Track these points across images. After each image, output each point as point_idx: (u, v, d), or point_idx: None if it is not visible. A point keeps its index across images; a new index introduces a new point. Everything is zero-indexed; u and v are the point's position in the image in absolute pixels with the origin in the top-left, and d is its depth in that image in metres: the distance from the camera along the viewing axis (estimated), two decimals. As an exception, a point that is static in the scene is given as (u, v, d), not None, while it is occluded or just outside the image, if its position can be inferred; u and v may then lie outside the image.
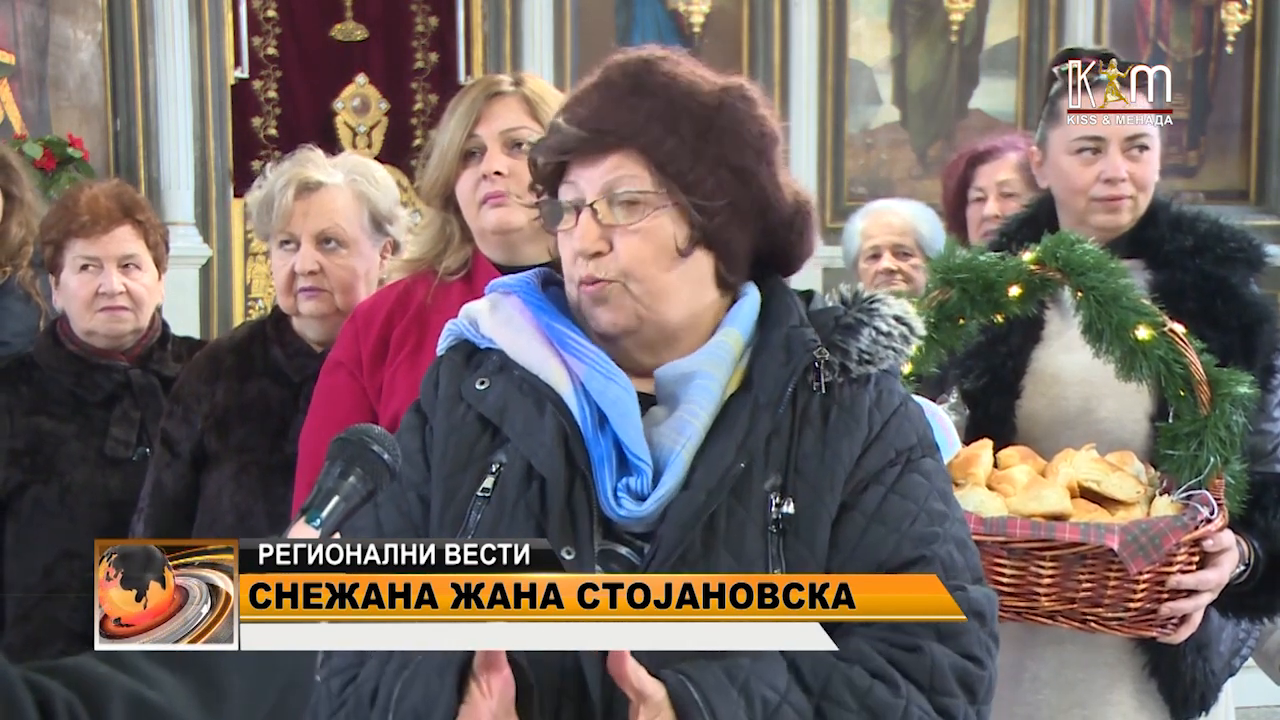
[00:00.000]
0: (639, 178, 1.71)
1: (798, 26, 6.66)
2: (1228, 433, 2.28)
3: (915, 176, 6.80)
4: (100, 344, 3.02)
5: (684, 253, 1.73)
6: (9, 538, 2.98)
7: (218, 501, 2.73)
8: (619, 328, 1.73)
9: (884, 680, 1.62)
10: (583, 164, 1.74)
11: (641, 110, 1.72)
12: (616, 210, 1.72)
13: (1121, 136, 2.55)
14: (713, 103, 1.75)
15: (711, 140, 1.73)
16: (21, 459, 2.97)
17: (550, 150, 1.77)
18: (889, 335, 1.77)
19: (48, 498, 2.95)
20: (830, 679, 1.62)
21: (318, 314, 2.74)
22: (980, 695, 1.67)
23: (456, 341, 1.87)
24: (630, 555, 1.69)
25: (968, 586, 1.70)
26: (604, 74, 1.78)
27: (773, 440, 1.70)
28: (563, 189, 1.77)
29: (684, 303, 1.75)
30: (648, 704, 1.56)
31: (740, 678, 1.59)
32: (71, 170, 5.80)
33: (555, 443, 1.71)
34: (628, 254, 1.71)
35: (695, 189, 1.72)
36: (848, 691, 1.61)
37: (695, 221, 1.72)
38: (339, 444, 1.62)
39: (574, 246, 1.74)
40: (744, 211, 1.75)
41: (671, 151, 1.72)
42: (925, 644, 1.65)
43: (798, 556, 1.67)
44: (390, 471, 1.63)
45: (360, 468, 1.60)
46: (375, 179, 2.84)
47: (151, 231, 3.03)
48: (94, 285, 2.96)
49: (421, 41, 6.65)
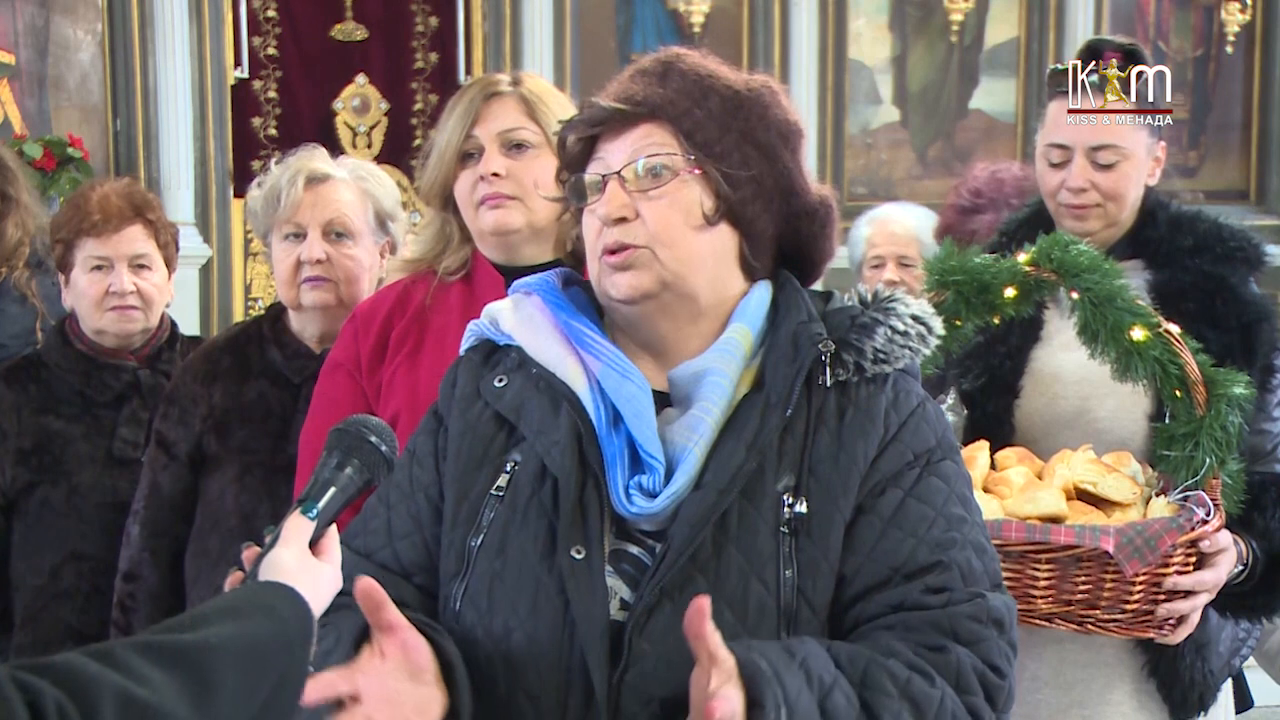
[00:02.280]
0: (666, 144, 1.73)
1: (798, 26, 6.66)
2: (1224, 433, 2.27)
3: (915, 176, 6.80)
4: (110, 343, 3.02)
5: (710, 221, 1.74)
6: (16, 538, 2.99)
7: (220, 503, 2.72)
8: (640, 291, 1.73)
9: (920, 673, 1.61)
10: (611, 137, 1.76)
11: (671, 88, 1.75)
12: (644, 177, 1.73)
13: (1086, 145, 2.54)
14: (740, 87, 1.78)
15: (739, 117, 1.75)
16: (29, 459, 2.97)
17: (582, 124, 1.78)
18: (905, 334, 1.76)
19: (55, 498, 2.95)
20: (868, 670, 1.61)
21: (321, 304, 2.74)
22: (1000, 704, 1.66)
23: (478, 341, 1.87)
24: (641, 555, 1.69)
25: (986, 594, 1.68)
26: (636, 64, 1.81)
27: (786, 440, 1.70)
28: (590, 167, 1.78)
29: (708, 275, 1.75)
30: (720, 668, 1.52)
31: (799, 656, 1.58)
32: (71, 170, 5.81)
33: (569, 441, 1.70)
34: (655, 219, 1.72)
35: (722, 159, 1.73)
36: (889, 680, 1.60)
37: (722, 191, 1.73)
38: (336, 435, 1.62)
39: (600, 213, 1.74)
40: (769, 190, 1.76)
41: (699, 123, 1.74)
42: (950, 644, 1.64)
43: (810, 557, 1.67)
44: (388, 463, 1.62)
45: (357, 459, 1.60)
46: (377, 178, 2.86)
47: (162, 231, 3.03)
48: (104, 285, 2.96)
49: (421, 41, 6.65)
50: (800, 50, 6.66)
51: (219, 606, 1.44)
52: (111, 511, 2.93)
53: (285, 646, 1.43)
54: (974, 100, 6.91)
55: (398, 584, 1.77)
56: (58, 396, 3.01)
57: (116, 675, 1.26)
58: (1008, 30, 6.90)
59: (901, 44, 6.87)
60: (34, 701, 1.21)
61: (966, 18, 6.84)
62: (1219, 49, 7.07)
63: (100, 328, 3.00)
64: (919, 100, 6.88)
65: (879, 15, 6.84)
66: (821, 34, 6.68)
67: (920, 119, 6.89)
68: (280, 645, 1.43)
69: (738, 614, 1.64)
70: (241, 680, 1.36)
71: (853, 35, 6.78)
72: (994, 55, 6.91)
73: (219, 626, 1.38)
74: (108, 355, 3.02)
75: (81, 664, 1.26)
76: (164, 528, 2.78)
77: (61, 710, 1.21)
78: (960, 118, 6.89)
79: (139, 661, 1.29)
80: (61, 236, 3.02)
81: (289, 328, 2.81)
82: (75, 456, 2.97)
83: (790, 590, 1.65)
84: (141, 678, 1.27)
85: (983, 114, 6.88)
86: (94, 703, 1.23)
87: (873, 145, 6.87)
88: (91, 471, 2.96)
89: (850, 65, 6.80)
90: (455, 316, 2.39)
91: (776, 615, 1.65)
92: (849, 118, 6.81)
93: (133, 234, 2.98)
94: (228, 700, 1.33)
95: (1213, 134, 7.10)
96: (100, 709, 1.23)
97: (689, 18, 6.65)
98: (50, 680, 1.23)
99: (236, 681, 1.35)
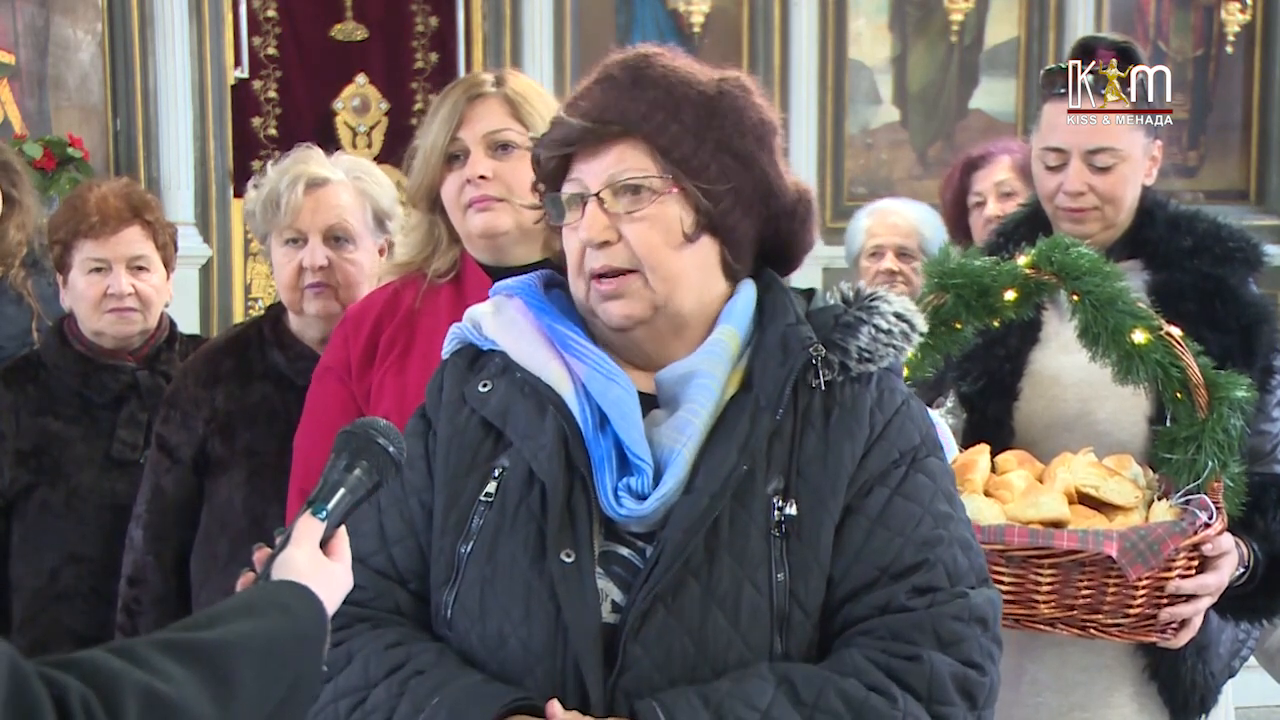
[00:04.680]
0: (643, 166, 1.72)
1: (798, 26, 6.65)
2: (1225, 436, 2.27)
3: (915, 176, 6.79)
4: (108, 344, 3.01)
5: (691, 238, 1.73)
6: (15, 539, 2.98)
7: (229, 506, 2.72)
8: (633, 319, 1.73)
9: (880, 692, 1.62)
10: (586, 157, 1.75)
11: (643, 100, 1.73)
12: (622, 198, 1.72)
13: (1083, 149, 2.52)
14: (712, 90, 1.76)
15: (713, 126, 1.74)
16: (28, 460, 2.96)
17: (554, 144, 1.77)
18: (889, 333, 1.77)
19: (54, 500, 2.95)
20: (823, 692, 1.61)
21: (324, 312, 2.73)
22: (981, 701, 1.67)
23: (461, 345, 1.86)
24: (632, 557, 1.69)
25: (969, 592, 1.69)
26: (603, 70, 1.79)
27: (775, 442, 1.70)
28: (566, 185, 1.77)
29: (694, 290, 1.75)
30: None
31: (715, 699, 1.59)
32: (71, 170, 5.81)
33: (555, 445, 1.70)
34: (638, 241, 1.72)
35: (700, 174, 1.73)
36: (841, 703, 1.60)
37: (701, 206, 1.73)
38: (344, 437, 1.62)
39: (581, 237, 1.73)
40: (748, 197, 1.76)
41: (675, 138, 1.72)
42: (925, 653, 1.64)
43: (801, 559, 1.67)
44: (395, 464, 1.63)
45: (366, 460, 1.60)
46: (374, 176, 2.85)
47: (160, 232, 3.02)
48: (102, 286, 2.96)
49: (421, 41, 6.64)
50: (800, 50, 6.66)
51: (235, 605, 1.45)
52: (110, 513, 2.92)
53: (301, 645, 1.44)
54: (974, 100, 6.91)
55: (392, 590, 1.77)
56: (56, 397, 3.00)
57: (139, 672, 1.27)
58: (1008, 30, 6.89)
59: (901, 44, 6.86)
60: (60, 697, 1.22)
61: (966, 18, 6.84)
62: (1219, 49, 7.06)
63: (98, 329, 2.99)
64: (919, 100, 6.88)
65: (879, 15, 6.83)
66: (821, 34, 6.68)
67: (920, 119, 6.88)
68: (296, 644, 1.44)
69: (730, 618, 1.64)
70: (260, 678, 1.37)
71: (853, 35, 6.78)
72: (994, 55, 6.90)
73: (236, 625, 1.39)
74: (106, 356, 3.02)
75: (105, 660, 1.27)
76: (167, 531, 2.77)
77: (87, 706, 1.22)
78: (960, 118, 6.89)
79: (160, 658, 1.30)
80: (59, 238, 3.01)
81: (290, 329, 2.81)
82: (74, 458, 2.96)
83: (782, 593, 1.66)
84: (164, 674, 1.29)
85: (983, 114, 6.87)
86: (118, 698, 1.24)
87: (873, 145, 6.87)
88: (90, 473, 2.95)
89: (850, 65, 6.79)
90: (444, 319, 2.36)
91: (769, 618, 1.65)
92: (849, 118, 6.80)
93: (131, 235, 2.97)
94: (247, 697, 1.35)
95: (1213, 134, 7.10)
96: (124, 705, 1.24)
97: (689, 18, 6.65)
98: (76, 676, 1.24)
99: (255, 679, 1.36)
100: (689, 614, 1.64)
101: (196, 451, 2.76)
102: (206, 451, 2.75)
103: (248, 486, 2.70)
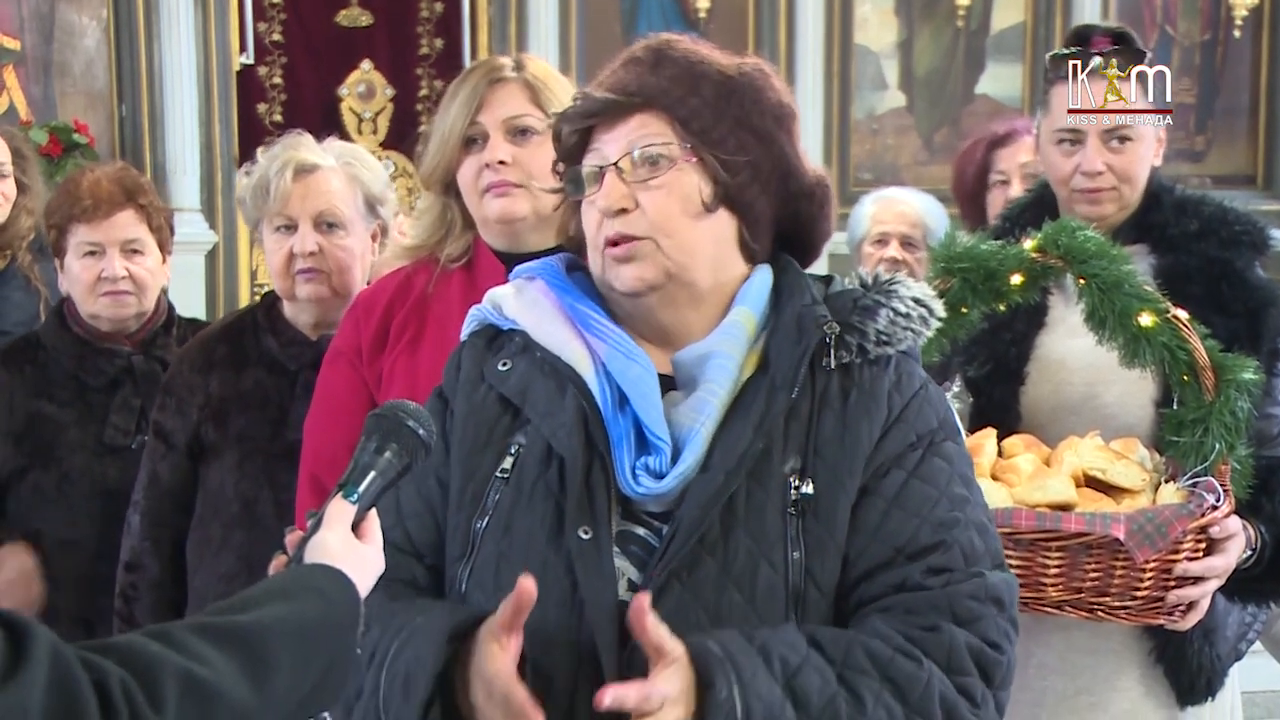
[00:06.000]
0: (662, 134, 1.73)
1: (804, 12, 6.65)
2: (1233, 419, 2.27)
3: (921, 162, 6.80)
4: (104, 327, 3.02)
5: (709, 208, 1.74)
6: (8, 523, 2.98)
7: (221, 491, 2.72)
8: (645, 283, 1.74)
9: (905, 654, 1.62)
10: (607, 129, 1.76)
11: (664, 76, 1.75)
12: (641, 168, 1.73)
13: (1100, 129, 2.53)
14: (732, 71, 1.78)
15: (733, 103, 1.76)
16: (22, 443, 2.97)
17: (576, 116, 1.78)
18: (907, 316, 1.77)
19: (46, 484, 2.95)
20: (850, 651, 1.62)
21: (315, 297, 2.73)
22: (997, 680, 1.67)
23: (480, 326, 1.87)
24: (648, 536, 1.69)
25: (986, 572, 1.70)
26: (628, 53, 1.81)
27: (792, 422, 1.70)
28: (587, 158, 1.78)
29: (709, 263, 1.75)
30: (667, 660, 1.55)
31: (758, 640, 1.59)
32: (77, 156, 5.83)
33: (575, 423, 1.71)
34: (654, 209, 1.72)
35: (718, 146, 1.74)
36: (869, 661, 1.61)
37: (719, 178, 1.74)
38: (374, 419, 1.62)
39: (599, 205, 1.74)
40: (766, 174, 1.77)
41: (694, 110, 1.74)
42: (944, 624, 1.65)
43: (817, 538, 1.67)
44: (425, 446, 1.63)
45: (396, 443, 1.61)
46: (365, 162, 2.84)
47: (154, 215, 3.02)
48: (97, 270, 2.96)
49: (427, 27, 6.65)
50: (806, 35, 6.66)
51: (269, 589, 1.45)
52: (101, 499, 2.93)
53: (335, 628, 1.45)
54: (980, 85, 6.91)
55: (409, 563, 1.78)
56: (52, 380, 3.00)
57: (178, 656, 1.28)
58: (1014, 15, 6.89)
59: (907, 29, 6.86)
60: (100, 681, 1.22)
61: (973, 3, 6.84)
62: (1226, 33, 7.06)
63: (94, 312, 2.99)
64: (925, 85, 6.88)
65: (885, 1, 6.83)
66: (827, 19, 6.68)
67: (926, 104, 6.89)
68: (330, 627, 1.44)
69: (746, 596, 1.65)
70: (296, 661, 1.37)
71: (859, 20, 6.78)
72: (1000, 40, 6.90)
73: (271, 608, 1.39)
74: (103, 339, 3.02)
75: (143, 645, 1.28)
76: (164, 517, 2.78)
77: (127, 690, 1.23)
78: (966, 103, 6.89)
79: (197, 642, 1.30)
80: (54, 222, 3.02)
81: (283, 316, 2.81)
82: (66, 443, 2.96)
83: (798, 571, 1.66)
84: (202, 658, 1.29)
85: (989, 99, 6.88)
86: (158, 682, 1.25)
87: (878, 131, 6.87)
88: (82, 458, 2.96)
89: (856, 50, 6.80)
90: (456, 305, 2.37)
91: (785, 596, 1.66)
92: (855, 103, 6.81)
93: (124, 219, 2.97)
94: (283, 680, 1.35)
95: (1220, 118, 7.09)
96: (164, 688, 1.25)
97: (694, 2, 6.65)
98: (115, 660, 1.25)
99: (291, 662, 1.37)
100: (705, 591, 1.64)
101: (191, 437, 2.76)
102: (200, 437, 2.75)
103: (239, 471, 2.71)
